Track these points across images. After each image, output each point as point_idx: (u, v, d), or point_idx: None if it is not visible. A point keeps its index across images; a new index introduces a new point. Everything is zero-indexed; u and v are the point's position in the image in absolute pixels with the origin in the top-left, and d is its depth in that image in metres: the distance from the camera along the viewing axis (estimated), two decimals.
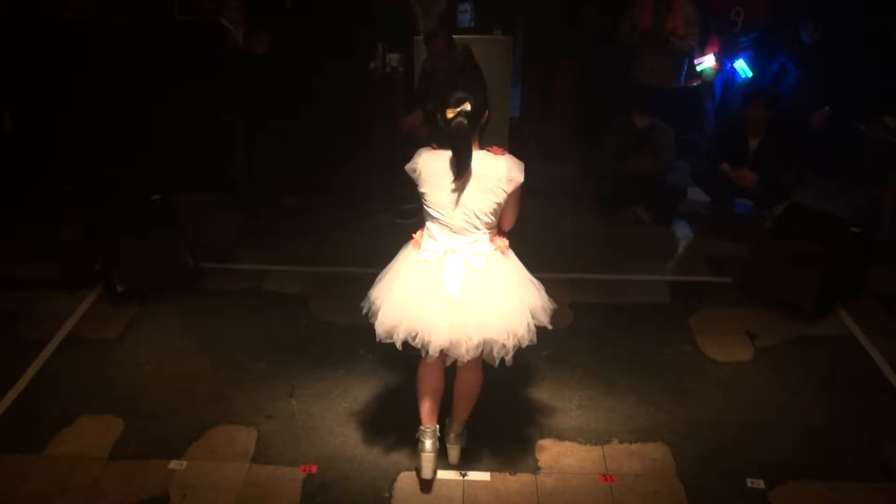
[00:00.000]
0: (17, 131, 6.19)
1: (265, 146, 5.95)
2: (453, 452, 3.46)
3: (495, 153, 3.02)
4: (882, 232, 5.48)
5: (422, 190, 3.06)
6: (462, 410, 3.41)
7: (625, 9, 6.33)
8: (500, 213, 3.06)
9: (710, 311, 4.74)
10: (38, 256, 5.17)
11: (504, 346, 3.04)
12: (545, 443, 3.64)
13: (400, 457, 3.53)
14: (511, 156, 3.04)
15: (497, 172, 2.97)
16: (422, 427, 3.32)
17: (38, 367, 4.11)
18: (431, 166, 3.02)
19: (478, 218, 3.02)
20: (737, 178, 5.75)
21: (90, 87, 6.27)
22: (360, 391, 3.97)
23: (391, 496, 3.33)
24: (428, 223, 3.11)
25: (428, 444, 3.28)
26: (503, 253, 3.12)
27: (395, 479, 3.41)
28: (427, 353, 3.07)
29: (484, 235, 3.07)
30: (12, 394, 3.89)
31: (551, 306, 3.23)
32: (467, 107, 2.90)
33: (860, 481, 3.43)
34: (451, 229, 3.05)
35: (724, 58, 6.76)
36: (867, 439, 3.68)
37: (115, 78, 6.29)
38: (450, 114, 2.90)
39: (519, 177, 3.00)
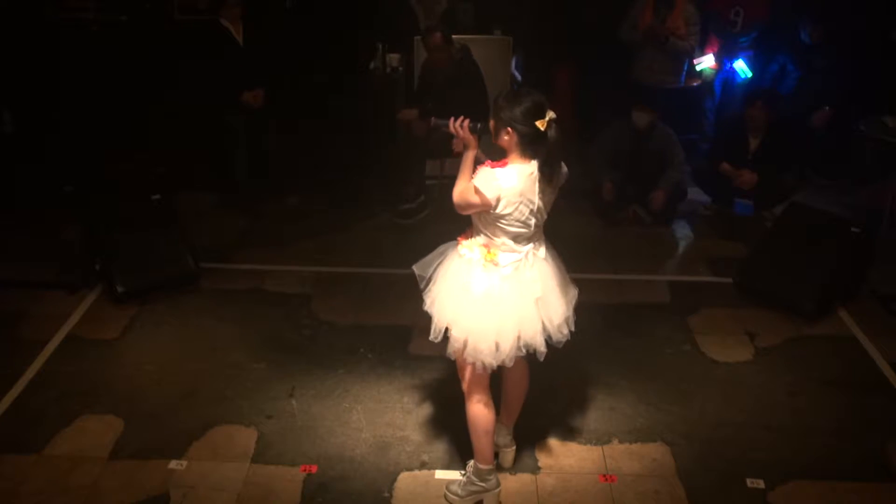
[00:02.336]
0: (18, 131, 6.19)
1: (266, 146, 5.95)
2: (511, 455, 3.48)
3: None
4: (882, 232, 5.48)
5: (505, 212, 2.89)
6: (517, 411, 3.43)
7: (625, 8, 6.33)
8: None
9: (710, 311, 4.74)
10: (38, 256, 5.17)
11: (569, 315, 3.17)
12: (545, 443, 3.64)
13: (400, 457, 3.53)
14: None
15: (563, 169, 3.02)
16: (487, 468, 3.24)
17: (38, 367, 4.11)
18: (514, 185, 2.86)
19: (544, 217, 3.04)
20: (737, 178, 5.75)
21: (90, 87, 6.27)
22: (360, 391, 3.97)
23: (391, 496, 3.33)
24: (502, 238, 2.98)
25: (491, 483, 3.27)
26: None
27: (395, 479, 3.41)
28: (536, 354, 3.10)
29: (539, 229, 3.08)
30: (12, 394, 3.89)
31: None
32: (552, 114, 2.86)
33: (860, 481, 3.43)
34: (527, 238, 3.01)
35: (724, 58, 6.76)
36: (867, 439, 3.68)
37: (115, 78, 6.29)
38: (542, 125, 2.83)
39: (566, 168, 3.06)
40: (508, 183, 2.85)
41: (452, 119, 2.99)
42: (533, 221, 2.95)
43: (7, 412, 3.79)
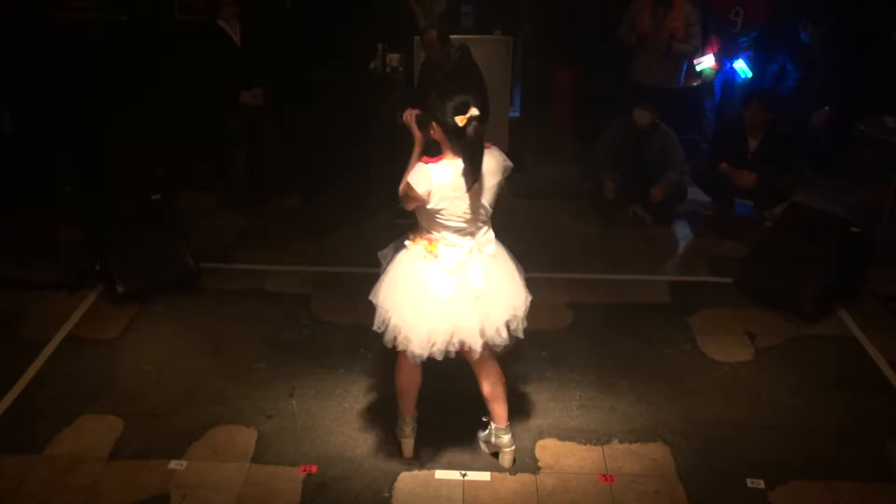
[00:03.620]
0: (17, 131, 6.19)
1: (266, 146, 5.95)
2: (509, 455, 3.48)
3: (486, 146, 3.03)
4: (882, 232, 5.48)
5: (439, 207, 2.96)
6: (503, 409, 3.43)
7: (624, 8, 6.33)
8: None
9: (710, 311, 4.74)
10: (38, 256, 5.17)
11: (515, 316, 3.16)
12: (545, 443, 3.64)
13: (400, 457, 3.52)
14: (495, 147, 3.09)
15: (500, 164, 3.05)
16: (408, 417, 3.47)
17: (38, 367, 4.11)
18: (448, 180, 2.93)
19: (486, 212, 3.07)
20: (737, 179, 5.75)
21: (90, 88, 6.27)
22: (360, 391, 3.97)
23: (391, 496, 3.33)
24: (442, 233, 3.04)
25: (408, 430, 3.48)
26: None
27: (395, 479, 3.41)
28: (449, 352, 3.11)
29: (487, 225, 3.12)
30: (12, 394, 3.89)
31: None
32: (476, 112, 2.86)
33: (860, 481, 3.43)
34: (468, 232, 3.05)
35: (724, 58, 6.76)
36: (867, 439, 3.68)
37: (115, 78, 6.29)
38: (462, 121, 2.85)
39: (510, 162, 3.10)
40: (440, 179, 2.92)
41: (409, 110, 3.07)
42: (471, 216, 3.00)
43: (7, 412, 3.79)
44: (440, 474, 3.43)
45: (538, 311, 4.58)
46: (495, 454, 3.51)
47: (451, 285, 3.06)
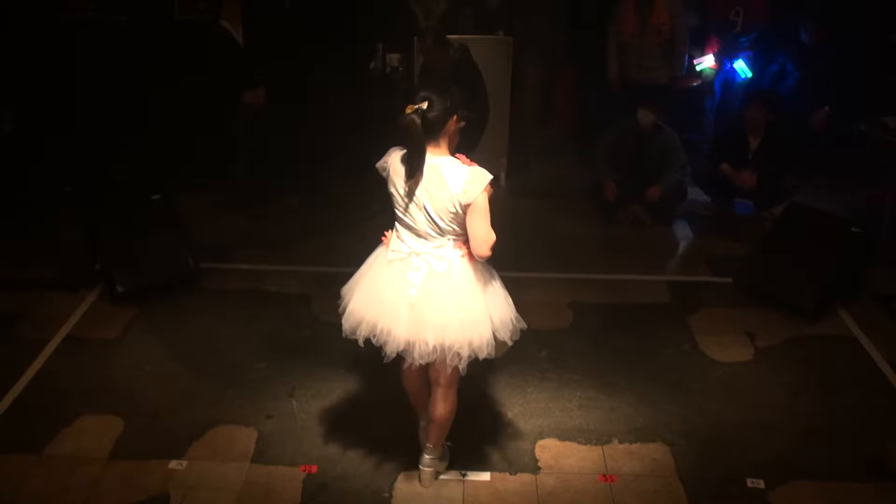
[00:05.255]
0: (18, 131, 6.19)
1: (266, 146, 5.95)
2: (424, 474, 3.36)
3: (462, 162, 2.88)
4: (882, 232, 5.48)
5: (389, 189, 2.99)
6: (433, 432, 3.32)
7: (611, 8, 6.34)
8: (463, 224, 2.90)
9: (710, 311, 4.74)
10: (38, 256, 5.17)
11: (458, 354, 2.94)
12: (545, 443, 3.64)
13: (400, 457, 3.52)
14: (478, 169, 2.86)
15: (454, 182, 2.83)
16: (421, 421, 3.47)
17: (38, 367, 4.11)
18: (396, 165, 2.94)
19: (438, 224, 2.91)
20: (737, 179, 5.75)
21: (90, 88, 6.27)
22: (361, 391, 3.97)
23: (391, 496, 3.33)
24: (396, 224, 3.05)
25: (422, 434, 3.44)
26: (470, 260, 2.97)
27: (395, 479, 3.41)
28: (385, 354, 3.01)
29: (448, 242, 2.95)
30: (12, 394, 3.89)
31: (518, 325, 3.08)
32: (424, 105, 2.82)
33: (860, 481, 3.43)
34: (416, 232, 2.97)
35: (724, 58, 6.76)
36: (867, 439, 3.68)
37: (115, 78, 6.29)
38: (407, 110, 2.83)
39: (474, 192, 2.81)
40: (393, 160, 2.97)
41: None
42: (419, 219, 2.93)
43: (7, 412, 3.79)
44: (440, 474, 3.43)
45: (538, 311, 4.63)
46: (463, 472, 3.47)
47: (387, 276, 3.02)
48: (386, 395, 3.91)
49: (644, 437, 3.68)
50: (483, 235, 2.86)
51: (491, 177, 2.87)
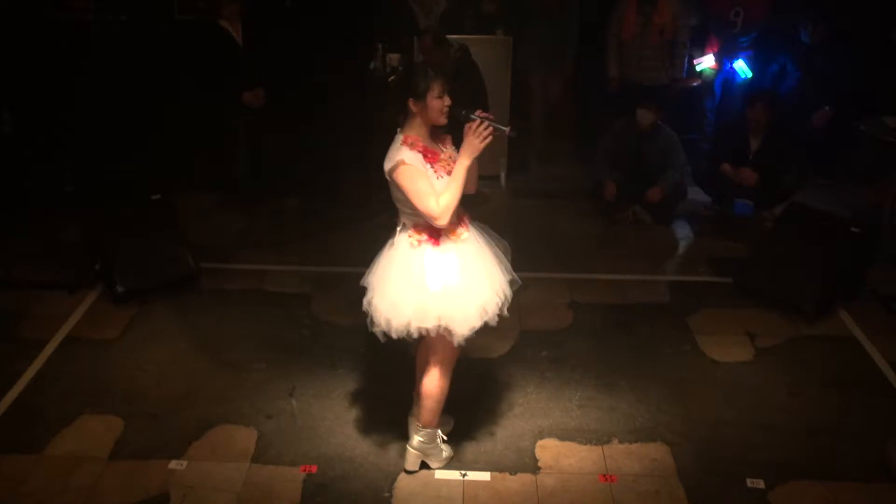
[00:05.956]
0: (17, 131, 6.19)
1: (266, 146, 5.95)
2: (410, 455, 3.42)
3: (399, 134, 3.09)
4: (882, 232, 5.48)
5: None
6: (421, 410, 3.38)
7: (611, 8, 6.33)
8: (403, 201, 3.05)
9: (710, 311, 4.74)
10: (38, 256, 5.17)
11: (448, 330, 3.07)
12: (545, 443, 3.64)
13: (400, 457, 3.52)
14: (400, 138, 3.05)
15: (389, 153, 3.04)
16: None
17: (38, 367, 4.11)
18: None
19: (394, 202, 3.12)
20: (737, 179, 5.75)
21: (90, 88, 6.27)
22: (361, 391, 3.97)
23: (391, 496, 3.33)
24: None
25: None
26: (412, 246, 3.10)
27: (395, 479, 3.41)
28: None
29: (401, 219, 3.14)
30: (12, 394, 3.89)
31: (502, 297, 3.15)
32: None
33: (860, 481, 3.43)
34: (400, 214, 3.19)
35: (724, 58, 6.76)
36: (867, 439, 3.68)
37: (114, 78, 6.29)
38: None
39: (392, 160, 2.98)
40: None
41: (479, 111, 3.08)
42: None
43: (7, 412, 3.79)
44: (440, 474, 3.43)
45: (538, 311, 4.63)
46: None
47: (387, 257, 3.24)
48: (386, 396, 3.92)
49: (644, 437, 3.68)
50: (418, 202, 2.95)
51: (407, 154, 2.97)
